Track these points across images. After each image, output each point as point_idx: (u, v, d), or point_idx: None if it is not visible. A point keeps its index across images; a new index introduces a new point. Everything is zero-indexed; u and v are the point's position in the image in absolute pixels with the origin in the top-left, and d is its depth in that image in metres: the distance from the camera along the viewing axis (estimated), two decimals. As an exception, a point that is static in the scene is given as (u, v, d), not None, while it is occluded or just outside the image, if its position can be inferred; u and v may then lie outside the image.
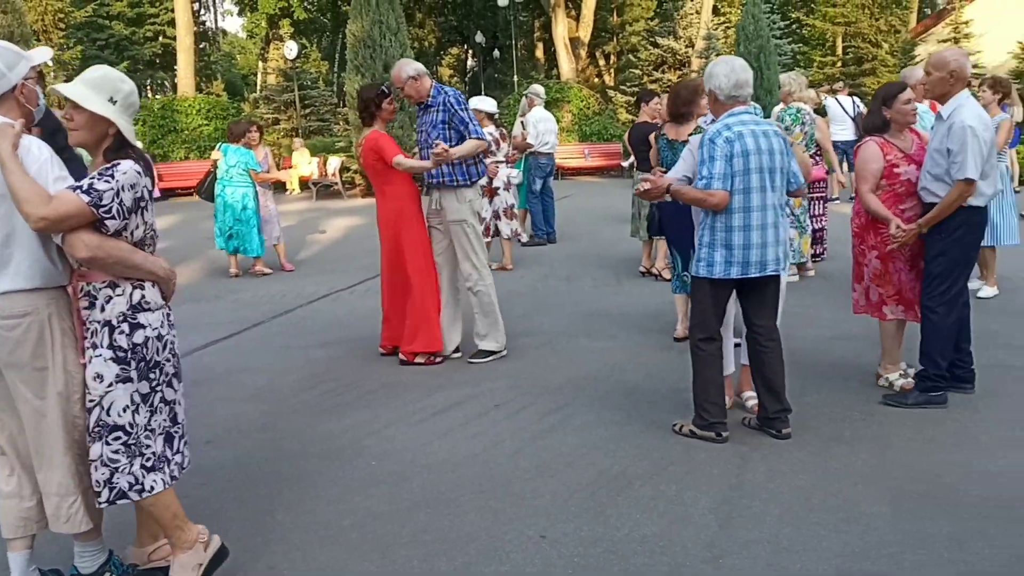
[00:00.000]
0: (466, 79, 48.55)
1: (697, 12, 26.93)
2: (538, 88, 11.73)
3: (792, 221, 8.32)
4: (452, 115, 5.80)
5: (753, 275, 4.25)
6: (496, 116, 9.72)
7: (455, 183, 5.90)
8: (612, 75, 37.21)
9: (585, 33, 32.31)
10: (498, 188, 9.55)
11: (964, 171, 4.43)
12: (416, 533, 3.57)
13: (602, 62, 38.86)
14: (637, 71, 27.81)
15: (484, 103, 9.48)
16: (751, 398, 4.73)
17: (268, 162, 10.39)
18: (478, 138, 5.83)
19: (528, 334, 6.72)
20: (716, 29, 25.86)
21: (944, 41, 25.86)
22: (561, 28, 30.35)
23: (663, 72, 25.88)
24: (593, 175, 23.22)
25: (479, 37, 36.81)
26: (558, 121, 24.02)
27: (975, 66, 24.41)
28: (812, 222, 8.82)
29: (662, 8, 34.38)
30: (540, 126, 11.07)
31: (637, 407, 4.98)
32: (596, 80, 36.83)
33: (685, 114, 5.85)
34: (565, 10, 32.05)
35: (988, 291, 7.39)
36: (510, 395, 5.28)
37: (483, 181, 9.10)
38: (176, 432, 3.07)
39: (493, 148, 9.42)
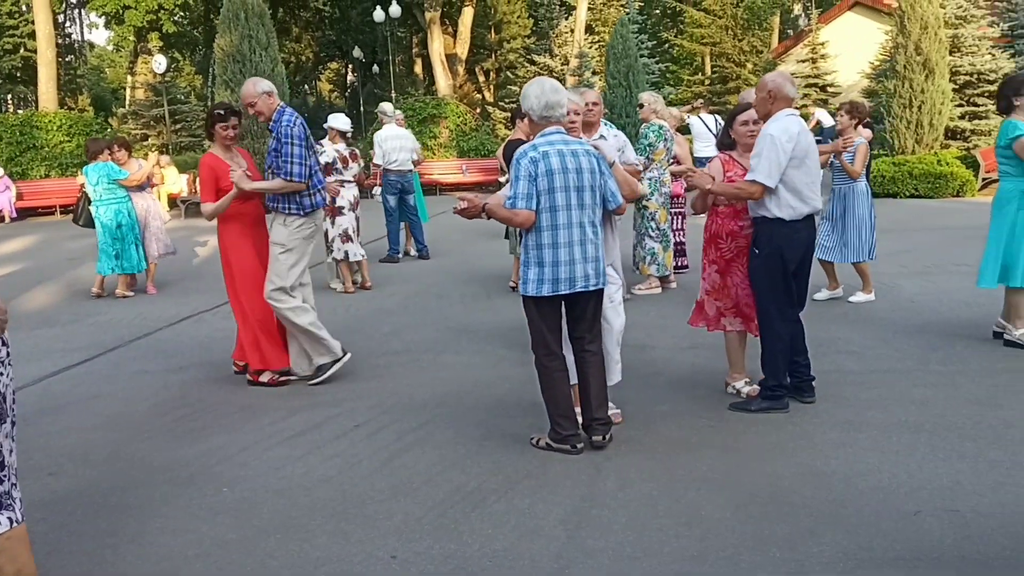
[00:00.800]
0: (346, 94, 48.10)
1: (572, 31, 27.55)
2: (385, 106, 11.73)
3: (658, 235, 8.59)
4: (279, 145, 5.73)
5: (563, 292, 4.31)
6: (348, 134, 9.67)
7: (287, 210, 5.84)
8: (492, 91, 37.61)
9: (463, 50, 32.56)
10: (342, 208, 9.39)
11: (754, 172, 4.66)
12: (263, 560, 3.51)
13: (482, 78, 39.26)
14: (515, 87, 28.23)
15: (336, 120, 9.53)
16: None
17: (144, 171, 9.98)
18: (286, 179, 5.70)
19: (394, 352, 6.70)
20: (590, 48, 26.47)
21: (803, 61, 27.17)
22: (437, 44, 30.49)
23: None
24: (471, 190, 23.34)
25: (357, 52, 36.56)
26: (435, 137, 24.28)
27: (831, 85, 25.78)
28: (674, 235, 9.11)
29: (539, 26, 35.05)
30: (386, 144, 11.06)
31: (497, 422, 5.02)
32: (476, 96, 37.15)
33: None
34: (442, 27, 32.22)
35: (861, 296, 7.77)
36: (371, 414, 5.25)
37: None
38: (6, 476, 2.89)
39: (339, 166, 9.39)
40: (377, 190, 11.60)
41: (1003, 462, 4.18)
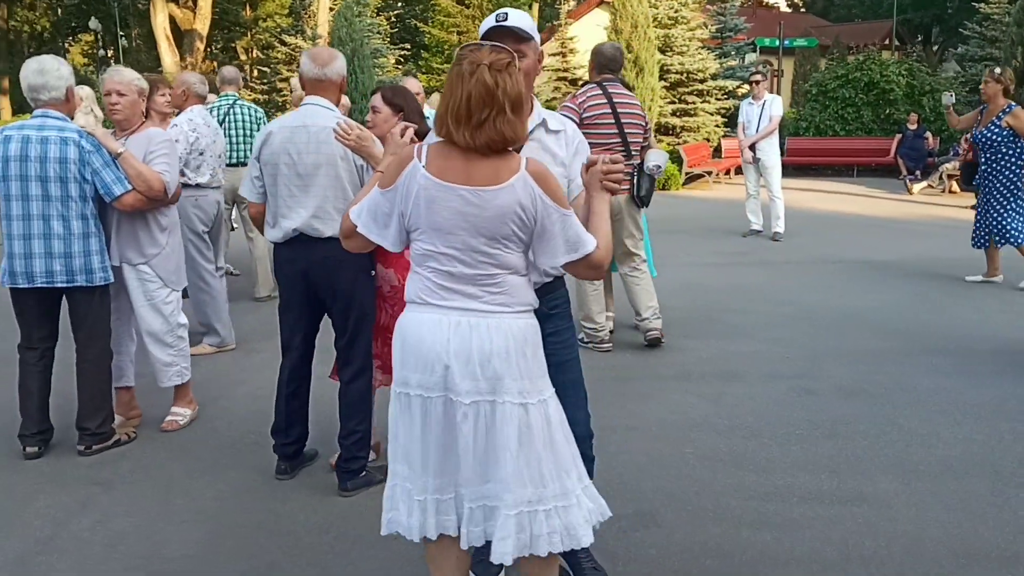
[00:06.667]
0: (99, 65, 44.65)
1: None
2: (81, 90, 10.68)
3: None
4: None
5: (21, 285, 4.15)
6: None
7: None
8: (251, 71, 35.99)
9: (203, 25, 30.85)
10: None
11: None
12: None
13: (244, 57, 37.57)
14: (267, 69, 26.99)
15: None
16: None
17: None
18: None
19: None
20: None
21: (554, 55, 27.72)
22: (161, 18, 28.83)
23: (294, 70, 25.25)
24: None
25: (94, 23, 33.96)
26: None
27: (581, 79, 26.38)
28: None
29: (295, 5, 33.90)
30: None
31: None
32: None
33: None
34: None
35: None
36: None
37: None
38: None
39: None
40: None
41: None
